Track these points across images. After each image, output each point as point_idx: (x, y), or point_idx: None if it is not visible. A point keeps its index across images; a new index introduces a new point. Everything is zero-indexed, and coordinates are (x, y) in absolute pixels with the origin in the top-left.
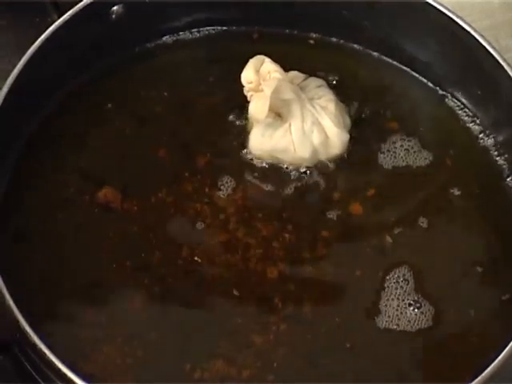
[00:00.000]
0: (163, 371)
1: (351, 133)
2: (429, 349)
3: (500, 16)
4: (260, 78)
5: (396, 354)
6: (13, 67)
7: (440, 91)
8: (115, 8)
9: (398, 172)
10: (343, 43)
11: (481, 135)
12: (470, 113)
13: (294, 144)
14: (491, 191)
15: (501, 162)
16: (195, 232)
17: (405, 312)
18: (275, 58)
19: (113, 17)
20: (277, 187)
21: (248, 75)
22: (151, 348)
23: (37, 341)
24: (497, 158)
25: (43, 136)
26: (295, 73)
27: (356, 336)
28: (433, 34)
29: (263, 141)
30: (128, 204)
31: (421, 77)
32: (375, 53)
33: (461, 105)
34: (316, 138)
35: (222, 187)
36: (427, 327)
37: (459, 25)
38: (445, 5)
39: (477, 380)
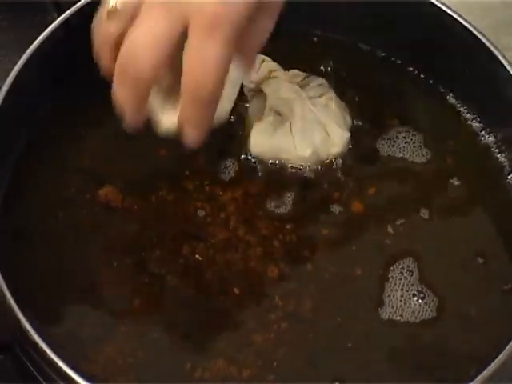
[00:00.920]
0: (164, 370)
1: (352, 131)
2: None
3: (500, 14)
4: (259, 77)
5: (398, 347)
6: (13, 66)
7: (441, 89)
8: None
9: (399, 170)
10: (344, 41)
11: (482, 133)
12: (471, 110)
13: (295, 143)
14: (492, 188)
15: (502, 160)
16: (195, 231)
17: (409, 303)
18: (275, 56)
19: None
20: (277, 186)
21: None
22: (152, 347)
23: (38, 340)
24: (497, 156)
25: (43, 135)
26: (295, 71)
27: (358, 330)
28: (434, 32)
29: (264, 140)
30: (128, 203)
31: (422, 74)
32: (376, 50)
33: (462, 102)
34: (317, 137)
35: (223, 186)
36: (431, 318)
37: (460, 23)
38: (445, 3)
39: (476, 380)
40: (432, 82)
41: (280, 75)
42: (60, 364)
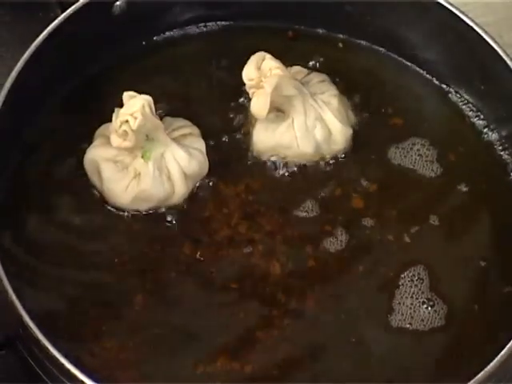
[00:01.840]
0: (166, 366)
1: (354, 128)
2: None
3: (503, 11)
4: (261, 75)
5: (405, 352)
6: (15, 63)
7: (444, 86)
8: (118, 3)
9: (402, 167)
10: (347, 39)
11: (485, 130)
12: (474, 108)
13: (297, 139)
14: (496, 185)
15: (505, 157)
16: (197, 227)
17: (418, 310)
18: (278, 54)
19: (116, 12)
20: (280, 182)
21: (249, 72)
22: (154, 343)
23: (40, 336)
24: (501, 153)
25: (46, 131)
26: (298, 68)
27: (364, 333)
28: (436, 30)
29: (266, 136)
30: None
31: (424, 72)
32: (379, 48)
33: (465, 100)
34: (319, 134)
35: (225, 182)
36: (440, 326)
37: (462, 20)
38: (448, 0)
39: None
40: (434, 80)
41: (282, 72)
42: (62, 360)
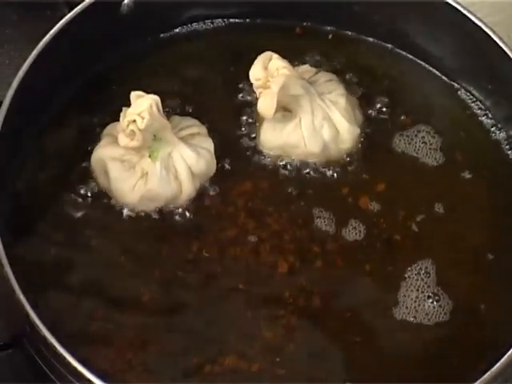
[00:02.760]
0: (174, 365)
1: (362, 127)
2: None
3: (511, 11)
4: (268, 75)
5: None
6: (23, 61)
7: (453, 84)
8: (126, 2)
9: (410, 166)
10: (357, 37)
11: (493, 129)
12: (483, 106)
13: (305, 139)
14: (502, 184)
15: None
16: (204, 226)
17: (423, 304)
18: (285, 53)
19: (123, 11)
20: (287, 182)
21: (256, 72)
22: (162, 342)
23: (47, 335)
24: (508, 152)
25: (54, 129)
26: (306, 67)
27: (369, 329)
28: (445, 29)
29: (274, 136)
30: None
31: (434, 70)
32: (389, 46)
33: (473, 98)
34: (326, 133)
35: (232, 181)
36: (444, 321)
37: (470, 20)
38: (457, 0)
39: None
40: (443, 78)
41: (289, 72)
42: (69, 359)
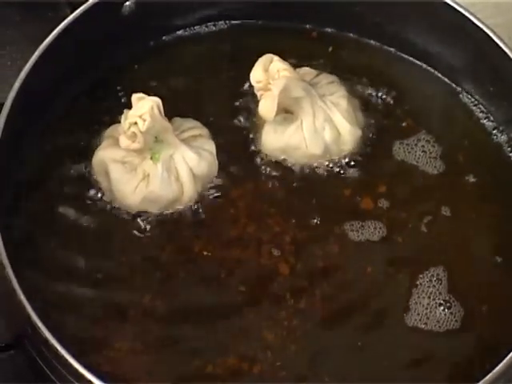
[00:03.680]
0: (175, 366)
1: (364, 129)
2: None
3: None
4: (269, 77)
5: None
6: (25, 62)
7: (454, 87)
8: (128, 3)
9: (411, 168)
10: (358, 38)
11: (494, 131)
12: (484, 109)
13: (306, 141)
14: (505, 187)
15: None
16: (206, 227)
17: (434, 311)
18: (287, 54)
19: (125, 12)
20: (288, 183)
21: (256, 75)
22: (162, 343)
23: (48, 336)
24: (510, 155)
25: (55, 130)
26: (307, 69)
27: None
28: (446, 31)
29: (275, 138)
30: None
31: (435, 72)
32: (390, 48)
33: (475, 101)
34: (328, 135)
35: (234, 183)
36: (455, 328)
37: (471, 21)
38: (458, 1)
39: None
40: (444, 80)
41: (289, 74)
42: (71, 360)
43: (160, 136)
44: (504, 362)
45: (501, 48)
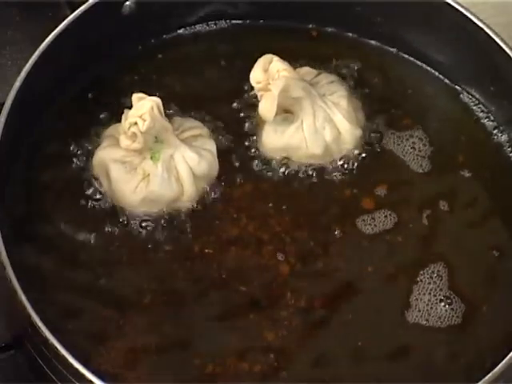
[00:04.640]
0: (175, 366)
1: (364, 128)
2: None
3: None
4: (269, 77)
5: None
6: (25, 62)
7: (455, 87)
8: (128, 3)
9: (411, 168)
10: (358, 38)
11: (495, 131)
12: (485, 109)
13: (306, 141)
14: (505, 186)
15: None
16: (206, 227)
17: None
18: (287, 54)
19: (125, 12)
20: (289, 183)
21: (256, 75)
22: (163, 343)
23: (49, 336)
24: (510, 154)
25: (56, 130)
26: (307, 69)
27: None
28: (447, 31)
29: (275, 138)
30: None
31: (436, 72)
32: (391, 48)
33: (475, 101)
34: (328, 135)
35: (234, 183)
36: (457, 324)
37: (472, 21)
38: (458, 1)
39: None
40: (445, 80)
41: (289, 74)
42: (71, 360)
43: (160, 136)
44: (504, 362)
45: (501, 48)
